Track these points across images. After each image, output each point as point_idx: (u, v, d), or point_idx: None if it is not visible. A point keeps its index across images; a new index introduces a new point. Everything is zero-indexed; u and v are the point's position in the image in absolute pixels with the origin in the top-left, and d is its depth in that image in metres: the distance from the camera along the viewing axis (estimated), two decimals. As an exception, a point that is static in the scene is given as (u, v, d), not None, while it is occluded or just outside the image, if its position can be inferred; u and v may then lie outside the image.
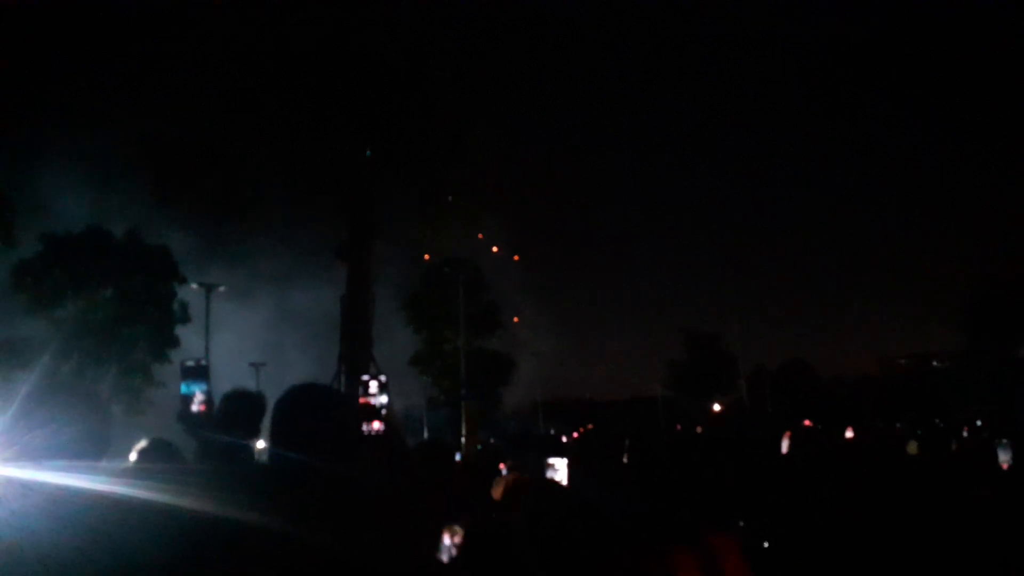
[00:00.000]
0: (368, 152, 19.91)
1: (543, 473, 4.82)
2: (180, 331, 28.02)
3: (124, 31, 24.15)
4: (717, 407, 50.07)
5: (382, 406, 3.29)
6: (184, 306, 27.90)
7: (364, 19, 19.87)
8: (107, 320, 26.49)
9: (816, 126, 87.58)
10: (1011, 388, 35.81)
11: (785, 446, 4.26)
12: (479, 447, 20.93)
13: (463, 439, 27.61)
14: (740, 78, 78.91)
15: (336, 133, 19.68)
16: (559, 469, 4.77)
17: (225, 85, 20.29)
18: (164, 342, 27.57)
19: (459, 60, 20.64)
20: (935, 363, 53.05)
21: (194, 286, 27.03)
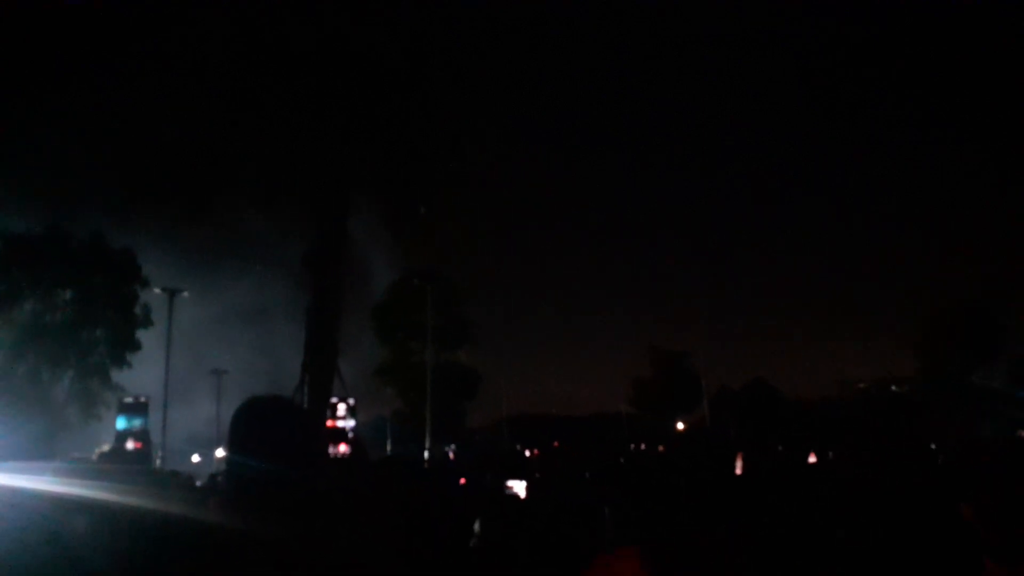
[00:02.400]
0: (343, 156, 19.73)
1: (502, 491, 4.87)
2: (141, 335, 27.54)
3: (97, 26, 23.79)
4: (681, 426, 50.45)
5: (350, 430, 3.27)
6: (146, 310, 27.44)
7: (346, 25, 19.79)
8: (66, 322, 25.93)
9: (780, 154, 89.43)
10: (967, 412, 36.80)
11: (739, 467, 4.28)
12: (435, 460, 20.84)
13: (427, 452, 27.40)
14: (714, 97, 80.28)
15: (312, 135, 19.49)
16: (518, 491, 4.84)
17: (197, 81, 20.00)
18: (124, 345, 27.05)
19: (448, 68, 20.56)
20: (893, 388, 54.07)
21: (157, 290, 26.62)
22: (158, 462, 24.16)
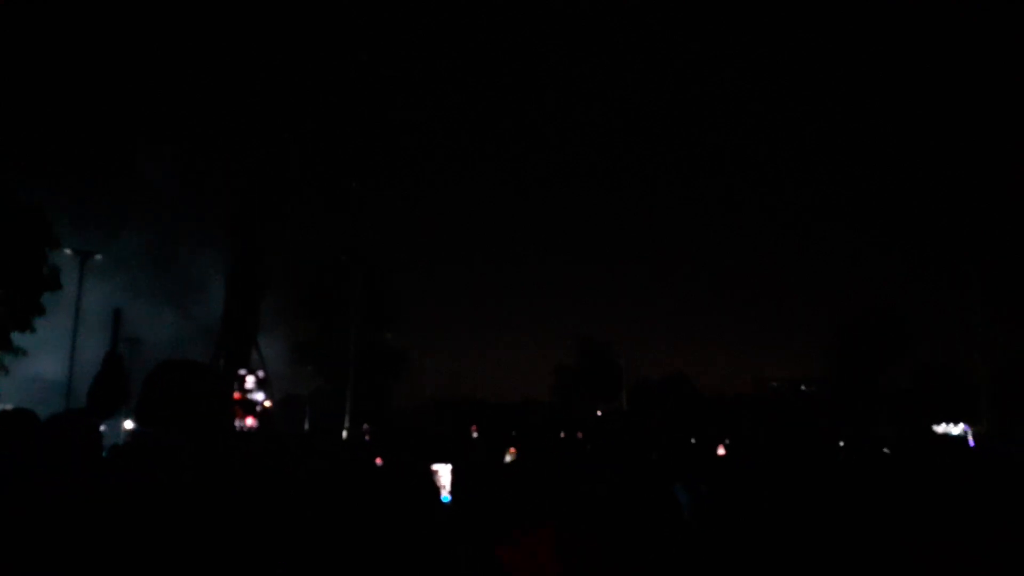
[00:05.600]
0: (272, 123, 19.23)
1: (424, 474, 4.88)
2: (47, 299, 26.17)
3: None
4: (600, 414, 51.44)
5: (258, 403, 3.17)
6: (55, 272, 26.09)
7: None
8: (-36, 280, 24.41)
9: (708, 154, 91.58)
10: (871, 412, 39.03)
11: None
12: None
13: (345, 432, 27.14)
14: (641, 87, 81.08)
15: (242, 100, 18.91)
16: (442, 475, 4.87)
17: (122, 31, 19.10)
18: (28, 309, 25.65)
19: (388, 45, 20.26)
20: (803, 387, 56.47)
21: (68, 251, 25.38)
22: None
